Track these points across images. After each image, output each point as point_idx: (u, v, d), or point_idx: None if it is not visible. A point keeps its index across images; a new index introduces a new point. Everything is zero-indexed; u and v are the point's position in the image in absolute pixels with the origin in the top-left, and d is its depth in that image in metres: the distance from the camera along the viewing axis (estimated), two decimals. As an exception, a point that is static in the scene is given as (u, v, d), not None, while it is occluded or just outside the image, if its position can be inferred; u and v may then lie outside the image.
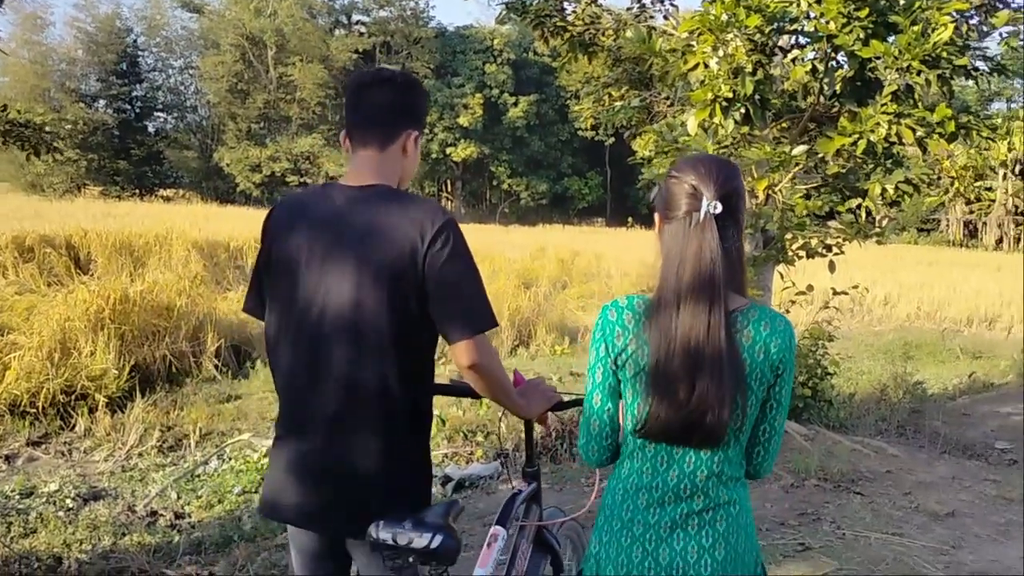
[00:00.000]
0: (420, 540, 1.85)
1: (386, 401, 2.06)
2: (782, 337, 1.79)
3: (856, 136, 5.37)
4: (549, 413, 2.46)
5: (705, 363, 1.71)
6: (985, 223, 54.42)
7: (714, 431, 1.73)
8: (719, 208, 1.77)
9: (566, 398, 2.46)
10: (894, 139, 5.35)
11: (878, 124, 5.26)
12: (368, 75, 2.23)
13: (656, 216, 1.95)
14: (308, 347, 2.09)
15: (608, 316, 1.87)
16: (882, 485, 5.51)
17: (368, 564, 2.09)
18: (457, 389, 2.46)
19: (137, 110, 53.82)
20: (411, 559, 1.88)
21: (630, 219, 33.07)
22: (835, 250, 6.38)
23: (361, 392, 2.05)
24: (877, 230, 6.32)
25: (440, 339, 2.13)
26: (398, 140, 2.16)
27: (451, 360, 2.10)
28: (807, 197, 6.23)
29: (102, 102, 52.21)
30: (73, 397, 8.52)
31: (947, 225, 56.00)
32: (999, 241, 52.94)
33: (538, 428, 2.52)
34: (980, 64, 5.63)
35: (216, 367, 11.54)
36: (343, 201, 2.11)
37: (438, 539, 1.83)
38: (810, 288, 6.59)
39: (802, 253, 6.38)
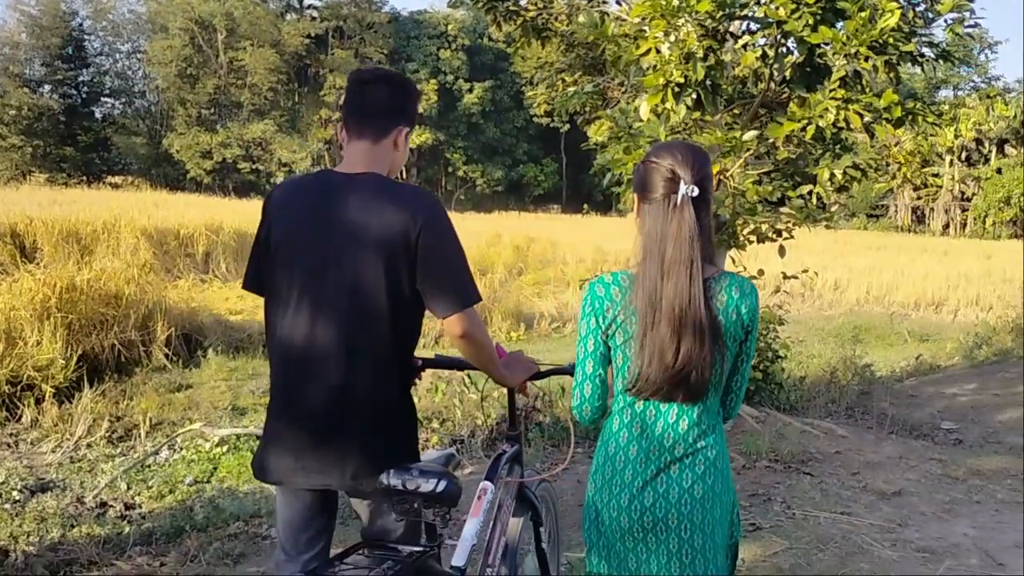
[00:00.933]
0: (427, 485, 2.03)
1: (382, 365, 2.27)
2: (751, 299, 2.06)
3: (805, 122, 5.42)
4: (528, 382, 2.69)
5: (689, 327, 1.95)
6: (932, 209, 55.51)
7: (698, 387, 1.99)
8: (696, 191, 2.00)
9: (543, 368, 2.69)
10: (842, 125, 5.41)
11: (827, 110, 5.32)
12: (368, 72, 2.44)
13: (634, 197, 2.13)
14: (309, 318, 2.26)
15: (596, 292, 2.08)
16: (831, 465, 5.60)
17: (372, 512, 2.31)
18: (448, 362, 2.72)
19: (83, 95, 52.65)
20: (416, 503, 2.06)
21: (585, 206, 33.28)
22: (785, 235, 6.45)
23: (359, 357, 2.24)
24: (826, 215, 6.39)
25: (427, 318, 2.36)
26: (391, 134, 2.36)
27: (443, 337, 2.28)
28: (758, 183, 6.29)
29: (47, 87, 51.01)
30: (19, 388, 8.34)
31: (895, 211, 57.01)
32: (946, 226, 54.06)
33: (520, 397, 2.79)
34: (926, 50, 5.70)
35: (166, 356, 11.38)
36: (339, 186, 2.29)
37: (443, 484, 2.03)
38: (761, 273, 6.66)
39: (753, 238, 6.45)
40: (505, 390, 2.80)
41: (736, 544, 2.20)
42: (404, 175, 61.13)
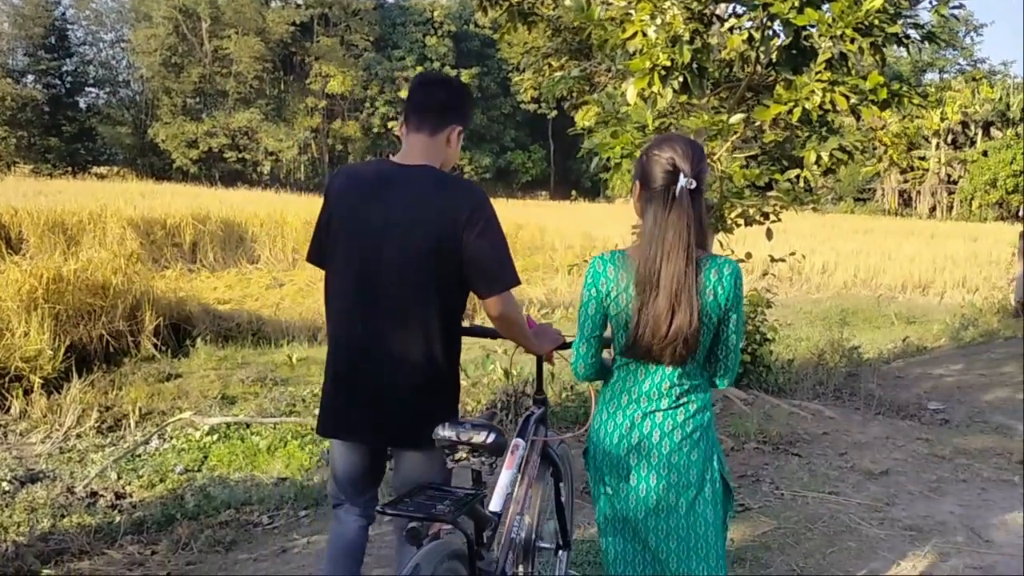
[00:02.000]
0: (478, 437, 2.24)
1: (430, 337, 2.53)
2: (727, 281, 2.28)
3: (791, 104, 5.43)
4: (554, 352, 2.96)
5: (683, 304, 2.21)
6: (919, 192, 55.72)
7: (683, 354, 2.26)
8: (694, 184, 2.23)
9: (568, 339, 2.85)
10: (828, 107, 5.42)
11: (813, 92, 5.33)
12: (430, 75, 2.87)
13: (636, 184, 2.35)
14: (364, 293, 2.53)
15: (596, 268, 2.35)
16: (819, 446, 5.64)
17: (417, 466, 2.55)
18: (482, 331, 3.01)
19: (67, 85, 52.14)
20: (466, 454, 2.28)
21: (574, 192, 33.24)
22: (772, 218, 6.47)
23: (409, 330, 2.51)
24: (813, 198, 6.41)
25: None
26: (445, 131, 2.63)
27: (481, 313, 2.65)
28: (745, 167, 6.30)
29: (30, 77, 50.58)
30: (7, 379, 8.32)
31: (882, 194, 57.20)
32: (932, 209, 54.28)
33: (547, 365, 3.05)
34: (912, 32, 5.70)
35: (155, 346, 11.36)
36: (395, 175, 2.57)
37: (492, 436, 2.24)
38: (748, 256, 6.68)
39: (740, 221, 6.46)
40: (533, 359, 3.05)
41: (725, 484, 2.44)
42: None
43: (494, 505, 2.40)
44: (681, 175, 2.22)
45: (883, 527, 4.25)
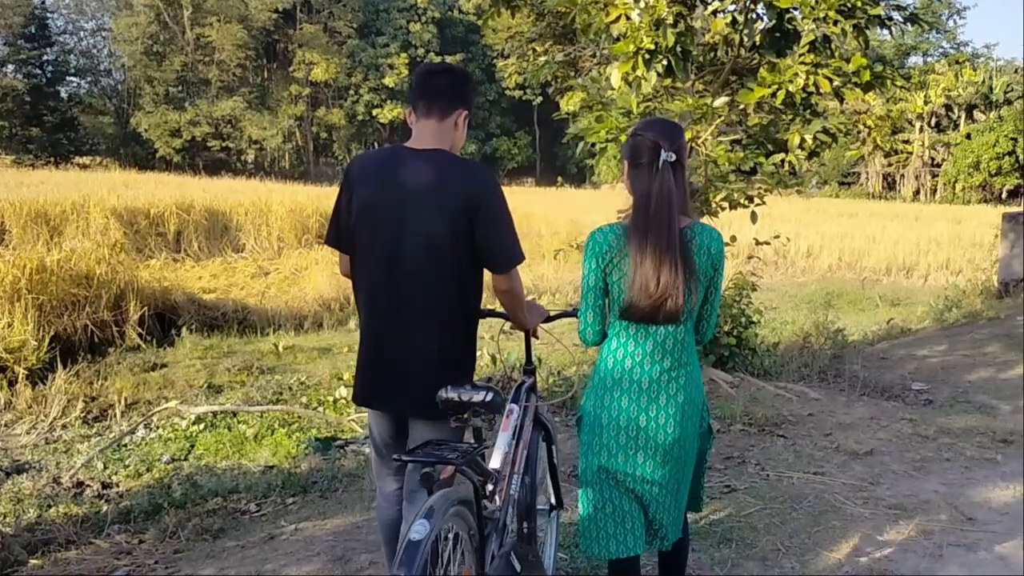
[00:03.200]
0: (478, 396, 2.45)
1: (448, 315, 2.73)
2: (717, 243, 2.59)
3: (775, 87, 5.44)
4: (540, 326, 3.21)
5: (667, 264, 2.46)
6: (903, 175, 55.93)
7: (674, 311, 2.50)
8: (673, 157, 2.53)
9: (552, 313, 3.21)
10: (812, 89, 5.43)
11: (796, 74, 5.34)
12: (434, 65, 2.95)
13: (625, 163, 2.64)
14: (387, 272, 2.72)
15: (596, 238, 2.59)
16: (804, 427, 5.67)
17: (428, 434, 2.70)
18: (482, 312, 3.09)
19: (48, 75, 51.54)
20: (467, 414, 2.49)
21: (559, 179, 33.17)
22: (757, 201, 6.48)
23: (430, 308, 2.71)
24: (797, 180, 6.43)
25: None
26: (452, 115, 2.79)
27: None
28: (730, 150, 6.31)
29: (10, 67, 49.93)
30: (-9, 370, 8.27)
31: (867, 178, 57.38)
32: (916, 192, 54.50)
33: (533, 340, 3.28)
34: (894, 14, 5.72)
35: (140, 336, 11.32)
36: (410, 158, 2.73)
37: (490, 395, 2.45)
38: (733, 239, 6.69)
39: (725, 205, 6.48)
40: (522, 335, 3.28)
41: (708, 427, 2.76)
42: (375, 148, 60.63)
43: (494, 462, 2.62)
44: (662, 151, 2.51)
45: (867, 506, 4.28)
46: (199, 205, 18.71)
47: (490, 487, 2.54)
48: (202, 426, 7.62)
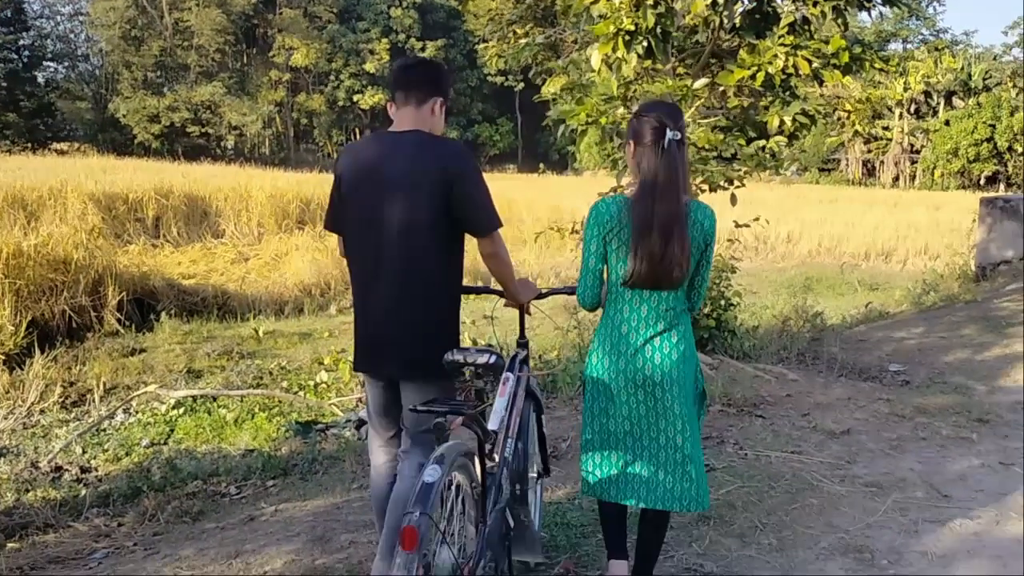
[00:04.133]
0: (481, 358, 2.74)
1: (431, 284, 2.93)
2: (710, 220, 2.80)
3: (755, 68, 5.46)
4: (532, 302, 3.37)
5: (675, 237, 2.68)
6: (882, 162, 56.24)
7: (677, 279, 2.74)
8: (679, 136, 2.72)
9: (544, 291, 3.39)
10: (791, 71, 5.45)
11: (776, 56, 5.36)
12: (410, 59, 3.28)
13: (630, 143, 2.81)
14: (374, 247, 2.91)
15: (600, 208, 2.81)
16: (782, 408, 5.71)
17: (415, 395, 2.89)
18: (475, 289, 3.47)
19: (25, 60, 50.83)
20: (468, 375, 2.76)
21: (542, 165, 33.06)
22: (737, 183, 6.50)
23: (414, 276, 2.90)
24: (777, 163, 6.45)
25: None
26: (429, 102, 3.00)
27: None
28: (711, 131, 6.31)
29: (-14, 52, 49.36)
30: (-33, 355, 8.20)
31: (847, 164, 57.67)
32: (896, 179, 54.82)
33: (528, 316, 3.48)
34: (873, -3, 5.75)
35: (119, 321, 11.25)
36: (390, 142, 2.96)
37: (493, 357, 2.74)
38: (713, 222, 6.71)
39: (705, 187, 6.49)
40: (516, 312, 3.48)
41: (702, 392, 2.96)
42: (359, 135, 60.25)
43: (492, 424, 2.75)
44: (667, 130, 2.69)
45: (844, 484, 4.32)
46: (178, 191, 18.56)
47: (488, 446, 2.69)
48: (182, 411, 7.59)
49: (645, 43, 5.49)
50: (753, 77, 5.52)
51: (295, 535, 3.96)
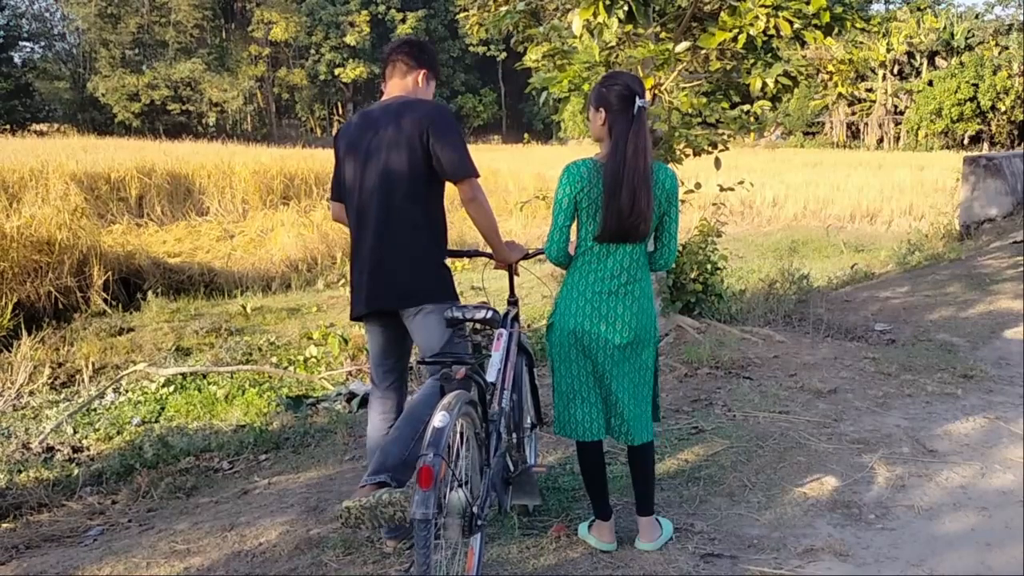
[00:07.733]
0: (480, 314, 2.97)
1: (413, 224, 3.20)
2: (671, 180, 3.08)
3: (736, 30, 5.44)
4: (520, 264, 3.61)
5: (640, 194, 2.92)
6: (866, 124, 56.26)
7: (643, 232, 2.99)
8: (647, 103, 2.96)
9: (531, 251, 3.60)
10: (772, 32, 5.44)
11: (757, 17, 5.34)
12: (396, 40, 3.53)
13: (601, 110, 3.02)
14: (363, 199, 3.24)
15: (571, 170, 3.02)
16: (769, 369, 5.75)
17: (417, 327, 3.24)
18: (463, 252, 3.75)
19: (0, 40, 50.27)
20: (467, 330, 3.08)
21: (526, 135, 32.98)
22: (720, 147, 6.50)
23: (396, 219, 3.19)
24: (759, 125, 6.44)
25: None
26: (413, 73, 3.40)
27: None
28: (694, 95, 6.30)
29: (-41, 33, 48.66)
30: (-47, 339, 8.17)
31: (831, 127, 57.66)
32: (880, 140, 54.88)
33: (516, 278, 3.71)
34: (853, -44, 5.73)
35: (105, 301, 11.22)
36: (377, 109, 3.32)
37: (490, 313, 3.00)
38: (698, 186, 6.72)
39: (689, 152, 6.49)
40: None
41: (657, 339, 3.20)
42: (342, 110, 59.79)
43: (489, 376, 3.00)
44: (637, 97, 2.94)
45: (831, 442, 4.37)
46: (160, 169, 18.42)
47: (487, 398, 2.91)
48: (172, 388, 7.59)
49: (626, 7, 5.47)
50: (735, 39, 5.50)
51: (289, 507, 3.99)
